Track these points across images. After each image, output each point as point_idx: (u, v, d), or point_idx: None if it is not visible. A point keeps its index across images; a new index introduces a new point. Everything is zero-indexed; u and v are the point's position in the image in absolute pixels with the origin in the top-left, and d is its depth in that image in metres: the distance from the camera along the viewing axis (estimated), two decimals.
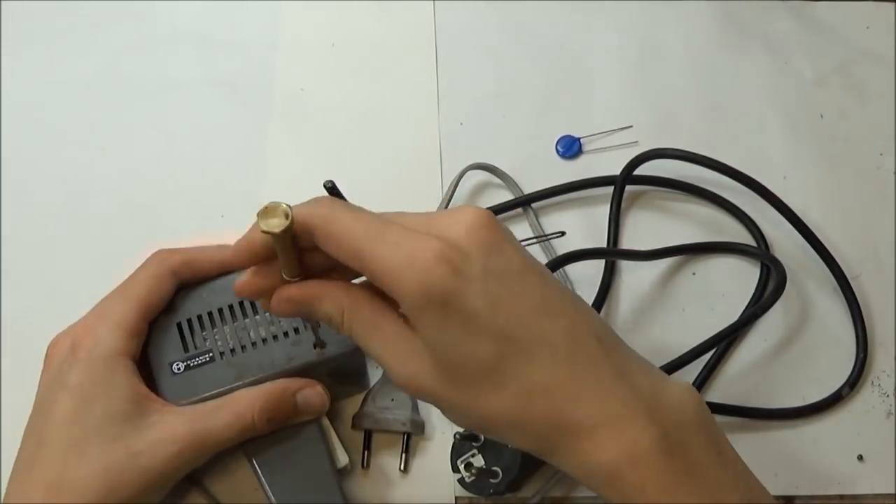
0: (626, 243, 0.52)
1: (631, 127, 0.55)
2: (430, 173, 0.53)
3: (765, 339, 0.50)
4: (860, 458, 0.47)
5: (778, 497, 0.46)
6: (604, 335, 0.32)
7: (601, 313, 0.49)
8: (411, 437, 0.45)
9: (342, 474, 0.43)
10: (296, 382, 0.40)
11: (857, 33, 0.60)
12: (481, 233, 0.30)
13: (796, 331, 0.50)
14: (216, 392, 0.40)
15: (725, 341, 0.49)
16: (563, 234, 0.50)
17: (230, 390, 0.40)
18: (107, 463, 0.36)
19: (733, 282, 0.51)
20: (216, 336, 0.41)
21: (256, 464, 0.40)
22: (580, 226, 0.52)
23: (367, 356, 0.43)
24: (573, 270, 0.50)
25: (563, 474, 0.41)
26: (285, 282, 0.34)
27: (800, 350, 0.50)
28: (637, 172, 0.52)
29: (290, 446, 0.41)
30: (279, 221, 0.30)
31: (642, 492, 0.30)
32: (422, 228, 0.31)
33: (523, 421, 0.31)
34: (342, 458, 0.42)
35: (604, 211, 0.52)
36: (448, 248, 0.30)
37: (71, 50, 0.56)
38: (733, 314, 0.50)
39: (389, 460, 0.45)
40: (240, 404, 0.39)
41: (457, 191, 0.51)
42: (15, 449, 0.38)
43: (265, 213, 0.31)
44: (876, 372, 0.50)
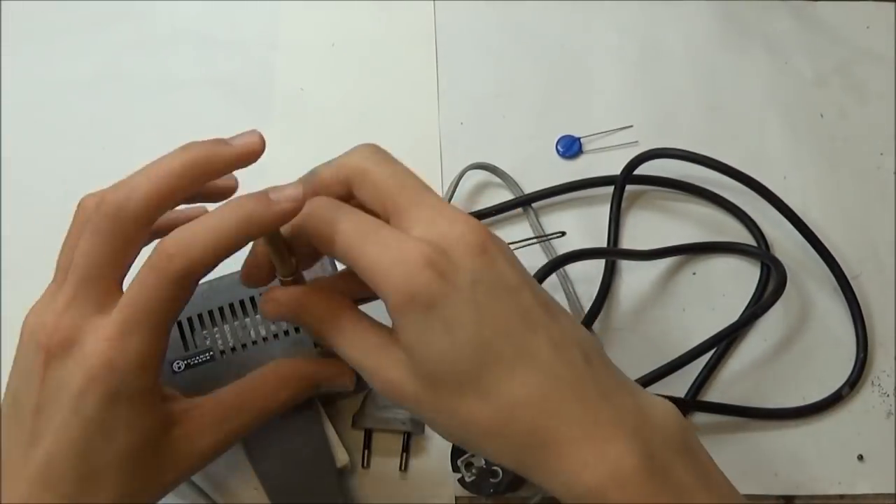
0: (627, 243, 0.52)
1: (631, 127, 0.55)
2: (430, 173, 0.53)
3: (765, 339, 0.50)
4: (860, 457, 0.47)
5: (778, 497, 0.46)
6: (591, 353, 0.32)
7: (601, 313, 0.49)
8: (411, 437, 0.45)
9: (342, 474, 0.43)
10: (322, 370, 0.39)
11: (857, 33, 0.60)
12: (474, 245, 0.31)
13: (796, 331, 0.50)
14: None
15: (725, 341, 0.49)
16: (563, 234, 0.50)
17: None
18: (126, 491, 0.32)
19: (733, 282, 0.51)
20: (216, 335, 0.41)
21: (256, 463, 0.40)
22: (580, 226, 0.52)
23: None
24: (573, 270, 0.50)
25: None
26: (283, 281, 0.34)
27: (800, 350, 0.50)
28: (637, 172, 0.52)
29: (290, 446, 0.41)
30: None
31: None
32: (423, 223, 0.31)
33: (505, 433, 0.30)
34: (342, 458, 0.42)
35: (604, 211, 0.52)
36: (437, 253, 0.30)
37: (71, 50, 0.56)
38: (733, 314, 0.50)
39: (389, 460, 0.45)
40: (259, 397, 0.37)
41: (457, 190, 0.51)
42: None
43: None
44: (876, 372, 0.50)
